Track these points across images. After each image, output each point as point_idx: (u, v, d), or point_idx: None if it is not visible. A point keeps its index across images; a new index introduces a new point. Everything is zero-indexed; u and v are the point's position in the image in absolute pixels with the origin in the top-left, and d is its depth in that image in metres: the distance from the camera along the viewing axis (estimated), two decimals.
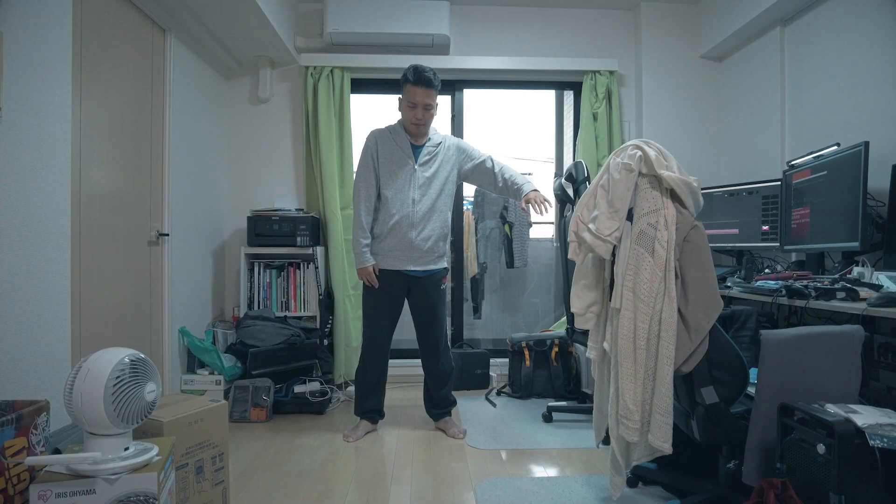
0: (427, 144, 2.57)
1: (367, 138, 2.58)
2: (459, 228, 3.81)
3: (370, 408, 2.66)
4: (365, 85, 3.65)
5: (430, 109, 2.48)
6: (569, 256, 1.77)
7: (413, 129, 2.53)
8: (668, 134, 3.51)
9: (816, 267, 2.39)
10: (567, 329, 2.65)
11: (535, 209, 2.51)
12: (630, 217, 1.61)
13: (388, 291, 2.57)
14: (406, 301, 2.64)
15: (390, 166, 2.53)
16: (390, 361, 2.65)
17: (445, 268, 2.67)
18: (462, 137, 3.76)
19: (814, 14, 2.73)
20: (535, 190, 2.56)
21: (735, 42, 3.28)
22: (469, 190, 3.96)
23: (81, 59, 2.09)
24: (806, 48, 2.79)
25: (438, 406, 2.71)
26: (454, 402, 2.76)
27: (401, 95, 2.51)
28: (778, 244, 2.64)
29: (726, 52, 3.46)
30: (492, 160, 2.64)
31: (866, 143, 2.05)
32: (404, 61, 3.48)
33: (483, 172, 2.64)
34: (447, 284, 2.65)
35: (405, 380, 3.53)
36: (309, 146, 3.51)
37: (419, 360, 2.72)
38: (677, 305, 1.54)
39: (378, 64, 3.48)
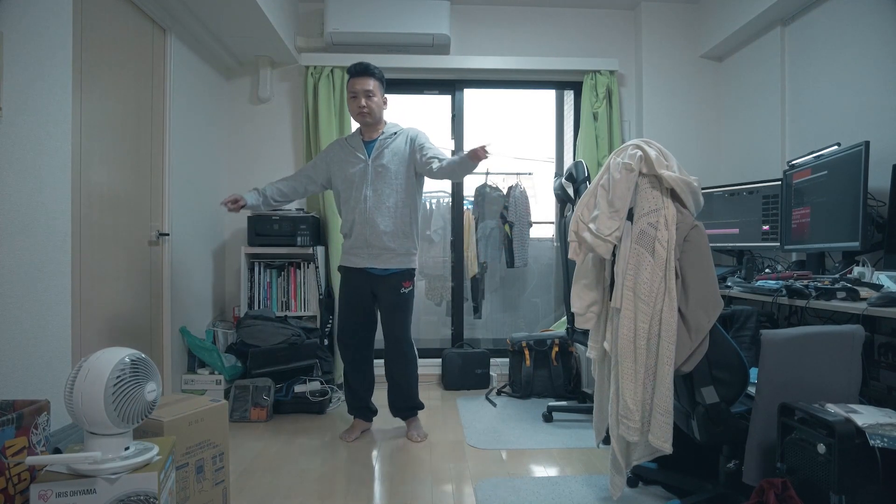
0: (379, 138, 2.56)
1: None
2: (460, 228, 3.82)
3: (358, 405, 2.65)
4: None
5: (371, 97, 2.50)
6: (569, 256, 1.77)
7: (359, 119, 2.54)
8: (668, 134, 3.51)
9: (817, 267, 2.39)
10: (567, 329, 2.65)
11: (482, 153, 2.24)
12: (630, 217, 1.61)
13: (353, 289, 2.58)
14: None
15: (343, 166, 2.55)
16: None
17: (410, 269, 2.55)
18: (462, 137, 3.77)
19: (814, 14, 2.73)
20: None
21: (735, 42, 3.28)
22: (469, 189, 3.96)
23: (81, 59, 2.09)
24: (806, 48, 2.79)
25: (398, 408, 2.64)
26: (417, 407, 2.65)
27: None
28: (778, 244, 2.63)
29: (727, 52, 3.46)
30: (437, 161, 2.46)
31: (867, 143, 2.05)
32: (405, 61, 3.51)
33: (425, 165, 2.50)
34: (411, 288, 2.55)
35: None
36: (309, 146, 3.51)
37: None
38: (677, 305, 1.54)
39: (378, 64, 3.42)
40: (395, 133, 2.57)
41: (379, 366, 2.71)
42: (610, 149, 3.50)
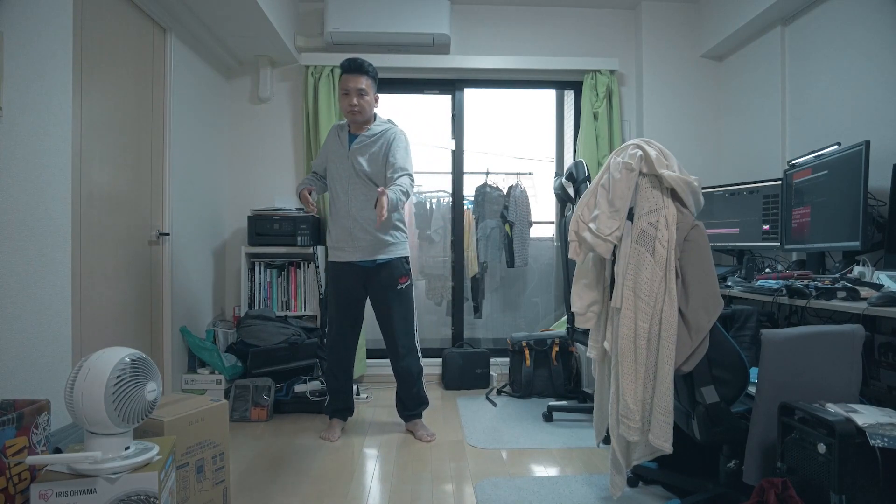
0: (364, 133, 2.52)
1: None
2: (460, 228, 3.82)
3: (340, 407, 2.64)
4: None
5: (363, 95, 2.47)
6: (569, 256, 1.77)
7: (349, 116, 2.51)
8: (668, 133, 3.51)
9: (817, 266, 2.39)
10: (567, 328, 2.65)
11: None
12: (631, 216, 1.61)
13: (342, 285, 2.55)
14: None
15: (332, 157, 2.55)
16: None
17: (400, 257, 2.52)
18: (462, 137, 3.77)
19: (814, 14, 2.72)
20: (387, 194, 2.19)
21: (735, 41, 3.28)
22: (469, 189, 3.95)
23: (81, 59, 2.09)
24: (806, 48, 2.78)
25: (407, 408, 2.65)
26: (424, 405, 2.67)
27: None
28: (778, 244, 2.63)
29: (727, 52, 3.46)
30: (396, 175, 2.39)
31: (867, 143, 2.05)
32: (405, 61, 3.51)
33: (388, 181, 2.43)
34: (408, 284, 2.53)
35: None
36: (309, 145, 3.51)
37: None
38: (678, 305, 1.54)
39: (378, 63, 3.42)
40: (382, 130, 2.52)
41: (384, 365, 2.69)
42: (610, 148, 3.50)
